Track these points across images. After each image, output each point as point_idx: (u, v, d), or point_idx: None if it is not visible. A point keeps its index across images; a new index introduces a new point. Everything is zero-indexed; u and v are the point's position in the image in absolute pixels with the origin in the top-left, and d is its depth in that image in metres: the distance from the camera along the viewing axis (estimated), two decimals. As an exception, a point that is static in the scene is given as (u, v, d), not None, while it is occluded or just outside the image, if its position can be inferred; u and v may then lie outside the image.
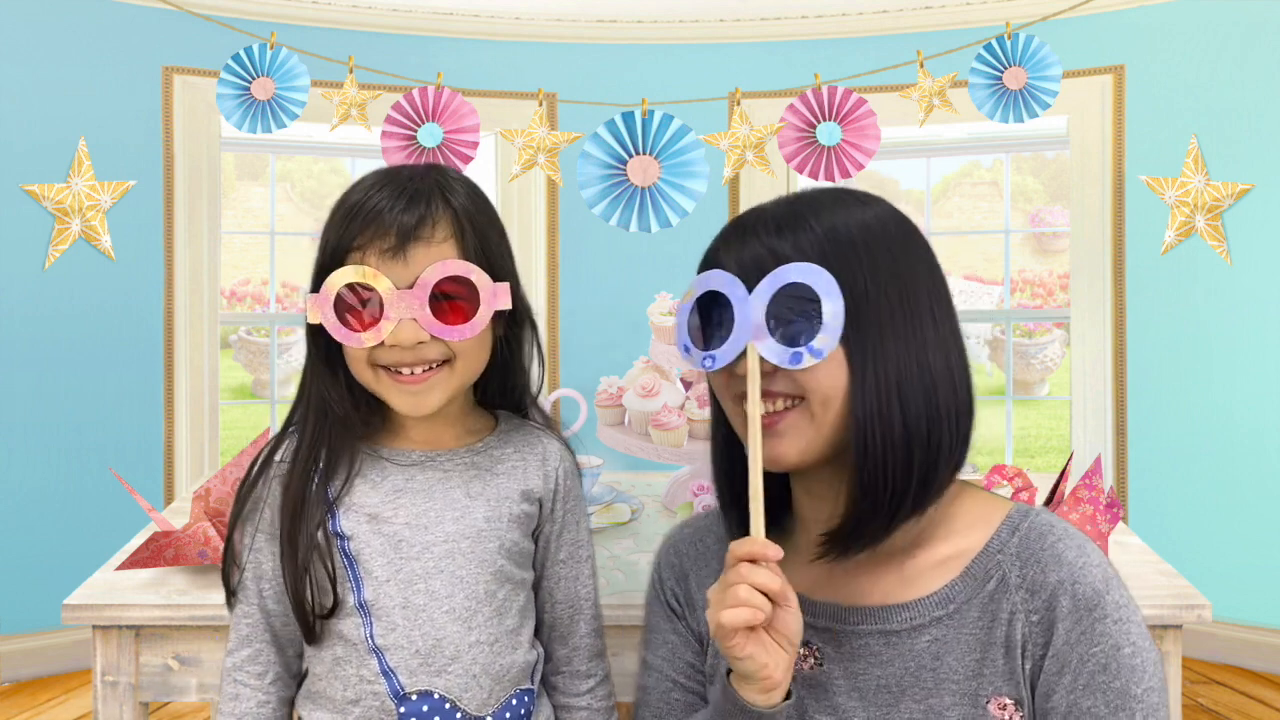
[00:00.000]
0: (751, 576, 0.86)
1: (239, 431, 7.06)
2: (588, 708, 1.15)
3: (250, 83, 2.01)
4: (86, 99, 3.22)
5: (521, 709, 1.08)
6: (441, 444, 1.10)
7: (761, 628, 0.87)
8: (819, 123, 1.90)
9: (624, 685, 1.30)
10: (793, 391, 0.91)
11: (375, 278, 0.99)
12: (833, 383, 0.90)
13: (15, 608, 3.12)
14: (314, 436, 1.06)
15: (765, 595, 0.86)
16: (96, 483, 3.08)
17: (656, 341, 1.90)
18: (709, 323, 0.95)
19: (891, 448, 0.89)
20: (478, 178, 1.23)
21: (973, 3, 3.42)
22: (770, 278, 0.90)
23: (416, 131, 1.90)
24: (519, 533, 1.10)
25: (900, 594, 0.95)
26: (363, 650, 1.04)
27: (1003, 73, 2.01)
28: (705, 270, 0.95)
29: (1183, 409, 3.30)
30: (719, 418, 1.02)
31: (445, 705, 1.03)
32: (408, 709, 1.03)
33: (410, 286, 0.99)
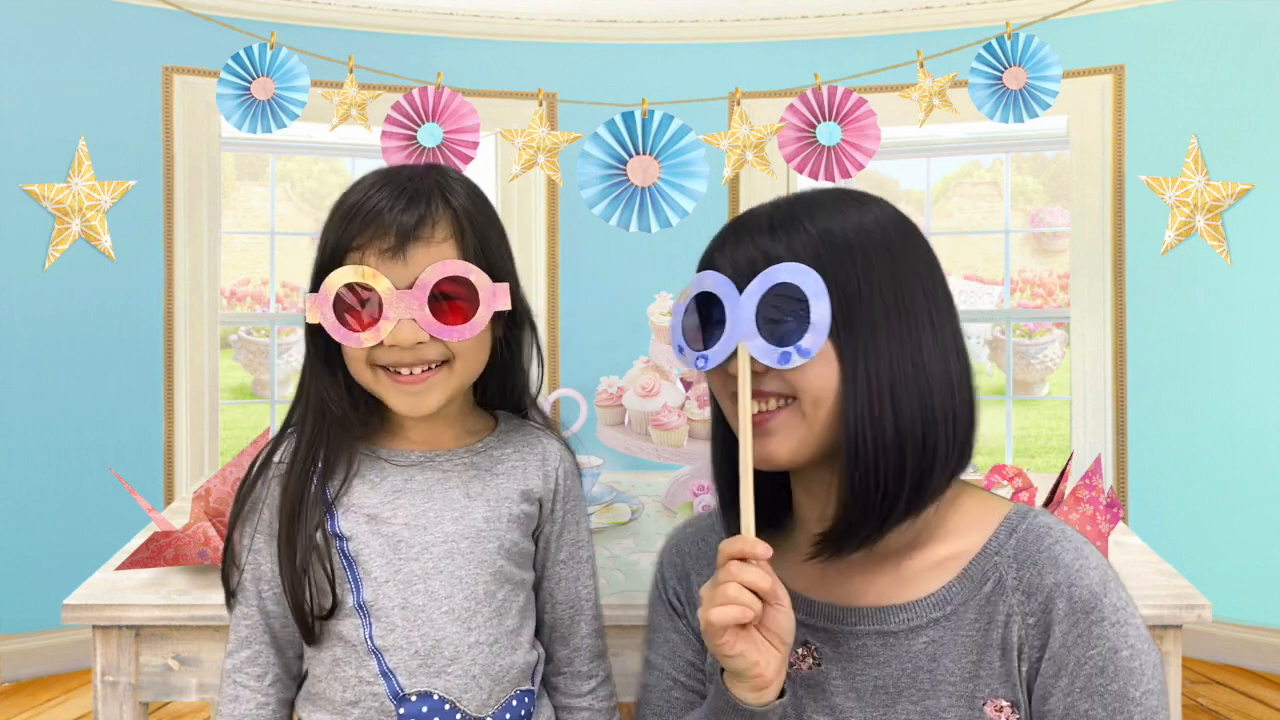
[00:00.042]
0: (741, 575, 0.87)
1: (239, 431, 7.06)
2: (589, 708, 1.15)
3: (250, 83, 2.01)
4: (86, 99, 3.22)
5: (522, 710, 1.08)
6: (441, 444, 1.10)
7: (753, 626, 0.87)
8: (819, 123, 1.90)
9: (625, 685, 1.30)
10: (784, 391, 0.92)
11: (375, 278, 0.99)
12: (823, 383, 0.90)
13: (15, 608, 3.12)
14: (312, 437, 1.06)
15: (756, 594, 0.87)
16: (96, 483, 3.08)
17: (656, 341, 1.90)
18: (705, 323, 0.95)
19: (883, 450, 0.89)
20: (478, 178, 1.23)
21: (973, 3, 3.42)
22: (760, 278, 0.90)
23: (416, 131, 1.90)
24: (519, 533, 1.10)
25: (898, 595, 0.95)
26: (362, 651, 1.03)
27: (1003, 73, 2.00)
28: (702, 271, 0.96)
29: (1183, 409, 3.30)
30: (719, 418, 1.03)
31: (445, 706, 1.03)
32: (407, 710, 1.02)
33: (410, 287, 0.99)
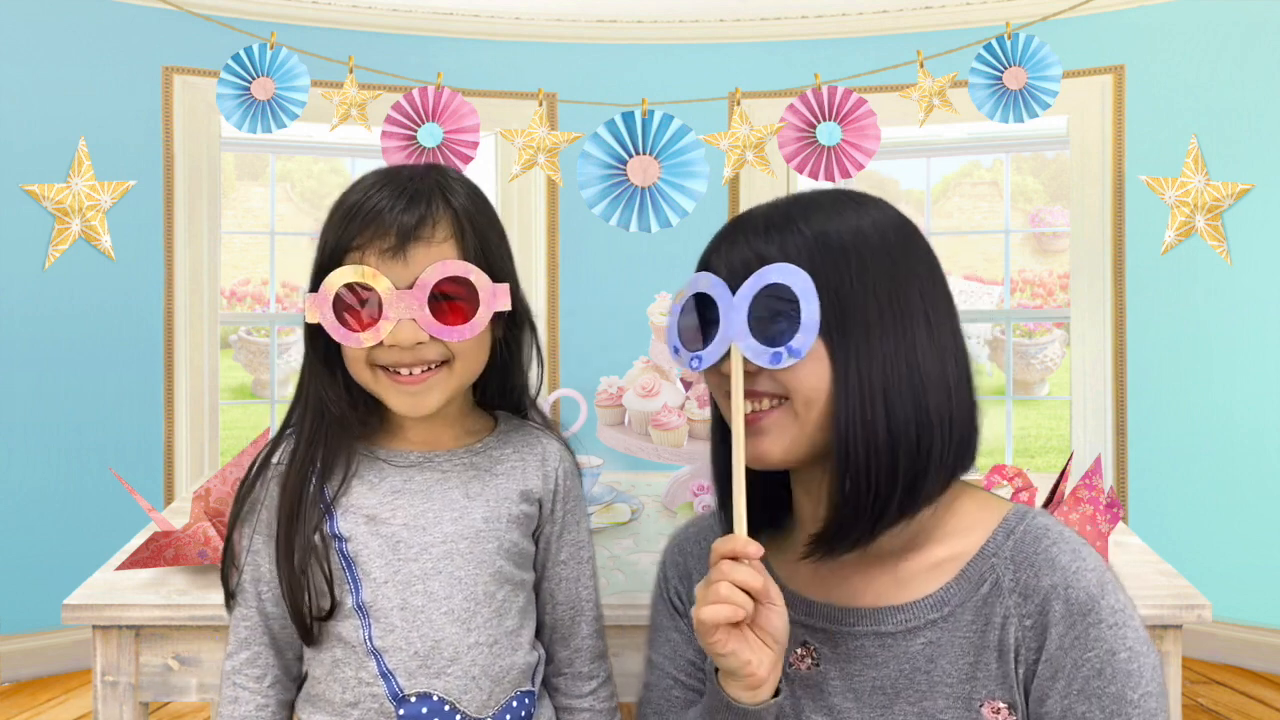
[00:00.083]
0: (732, 574, 0.87)
1: (239, 431, 7.06)
2: (590, 709, 1.14)
3: (250, 83, 2.01)
4: (86, 99, 3.21)
5: (522, 711, 1.08)
6: (440, 445, 1.10)
7: (746, 625, 0.88)
8: (819, 123, 1.90)
9: (625, 685, 1.30)
10: (777, 391, 0.92)
11: (375, 277, 0.99)
12: (815, 383, 0.90)
13: (15, 608, 3.12)
14: (311, 437, 1.06)
15: (748, 593, 0.87)
16: (96, 483, 3.08)
17: (656, 341, 1.90)
18: (702, 324, 0.96)
19: (875, 452, 0.89)
20: (478, 178, 1.23)
21: (973, 3, 3.42)
22: (752, 279, 0.91)
23: (416, 131, 1.90)
24: (518, 533, 1.09)
25: (896, 596, 0.95)
26: (361, 652, 1.03)
27: (1003, 73, 2.00)
28: (700, 272, 0.97)
29: (1183, 409, 3.30)
30: (718, 418, 1.03)
31: (445, 707, 1.03)
32: (407, 711, 1.02)
33: (410, 287, 0.99)
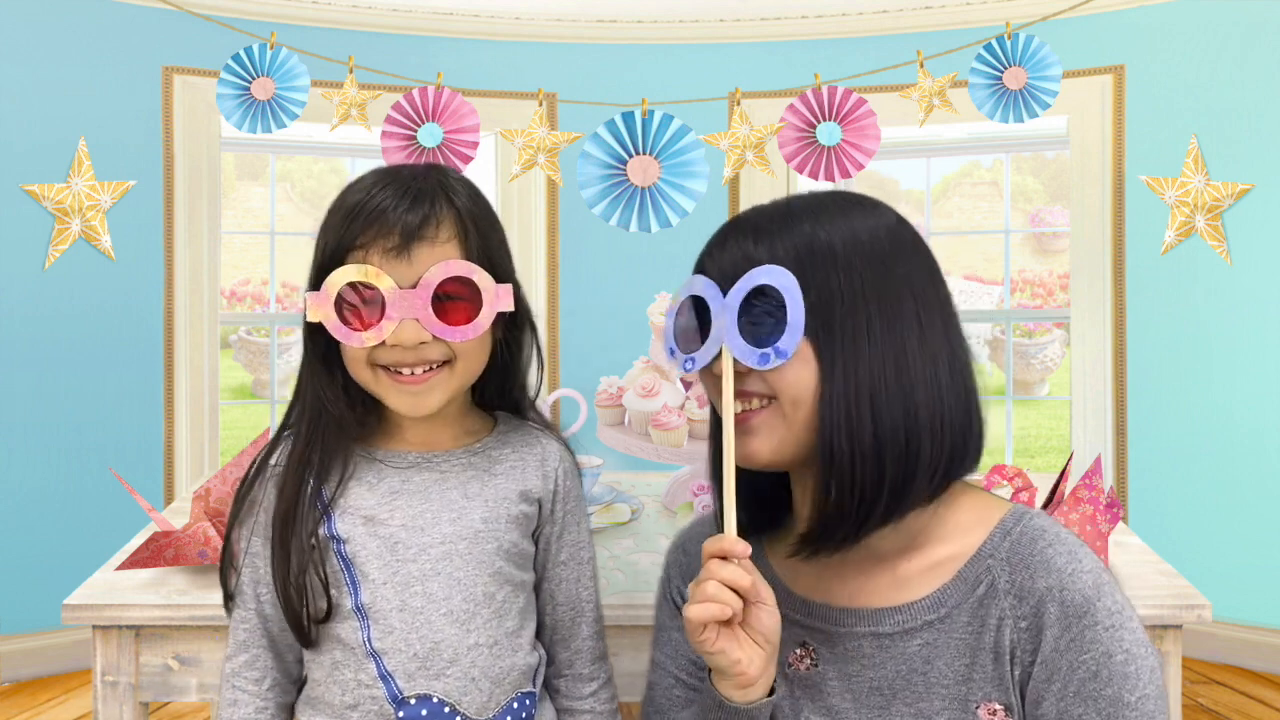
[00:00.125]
0: (720, 573, 0.88)
1: (239, 431, 7.06)
2: (591, 710, 1.14)
3: (250, 83, 2.00)
4: (86, 99, 3.21)
5: (523, 712, 1.07)
6: (438, 445, 1.09)
7: (736, 624, 0.88)
8: (819, 123, 1.90)
9: (626, 686, 1.30)
10: (765, 391, 0.93)
11: (378, 277, 0.99)
12: (802, 384, 0.91)
13: (15, 608, 3.12)
14: (308, 438, 1.06)
15: (737, 592, 0.87)
16: (96, 483, 3.08)
17: (656, 341, 1.90)
18: (698, 325, 0.97)
19: (860, 454, 0.89)
20: (477, 178, 1.22)
21: (973, 3, 3.42)
22: (741, 281, 0.92)
23: (416, 131, 1.90)
24: (518, 534, 1.09)
25: (893, 597, 0.96)
26: (360, 654, 1.03)
27: (1003, 73, 2.00)
28: (695, 274, 0.97)
29: (1183, 409, 3.30)
30: (716, 418, 1.03)
31: (444, 709, 1.02)
32: (406, 713, 1.02)
33: (413, 286, 0.99)
